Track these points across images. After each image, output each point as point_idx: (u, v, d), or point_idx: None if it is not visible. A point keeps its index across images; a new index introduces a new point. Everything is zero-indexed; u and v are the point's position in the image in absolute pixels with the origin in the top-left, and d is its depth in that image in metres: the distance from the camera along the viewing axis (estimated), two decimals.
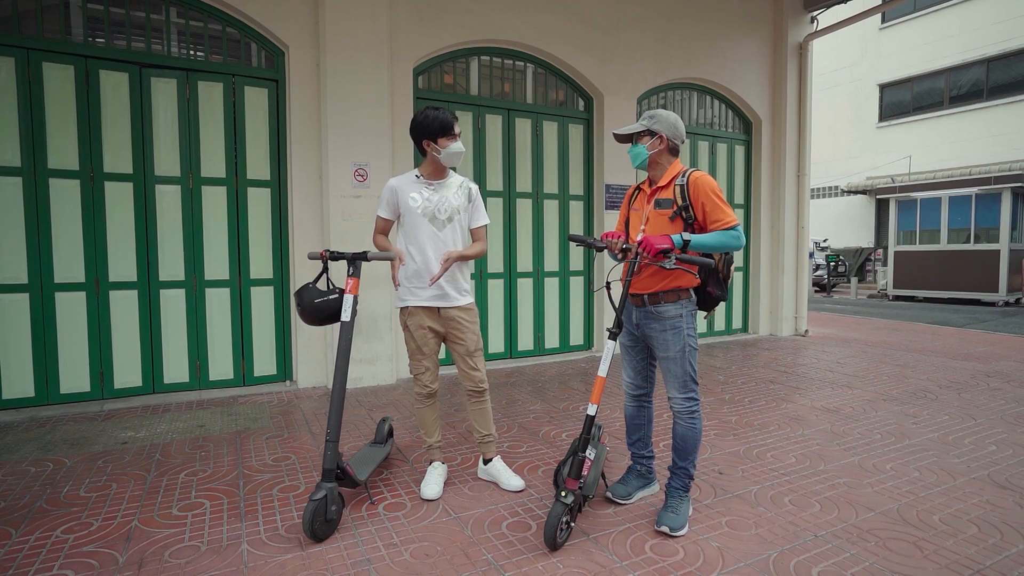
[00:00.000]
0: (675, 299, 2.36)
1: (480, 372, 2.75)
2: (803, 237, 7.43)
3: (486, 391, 2.79)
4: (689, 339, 2.37)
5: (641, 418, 2.64)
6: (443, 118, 2.62)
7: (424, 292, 2.66)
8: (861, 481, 2.83)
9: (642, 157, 2.42)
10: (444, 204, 2.69)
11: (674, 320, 2.36)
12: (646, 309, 2.42)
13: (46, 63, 3.96)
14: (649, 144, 2.40)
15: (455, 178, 2.80)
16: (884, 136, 17.89)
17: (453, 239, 2.70)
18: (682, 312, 2.37)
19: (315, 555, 2.16)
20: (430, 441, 2.81)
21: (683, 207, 2.32)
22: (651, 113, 2.42)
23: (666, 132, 2.38)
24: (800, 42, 7.24)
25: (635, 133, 2.42)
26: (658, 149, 2.40)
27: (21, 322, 3.98)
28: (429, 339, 2.70)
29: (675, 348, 2.36)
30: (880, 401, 4.25)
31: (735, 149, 7.26)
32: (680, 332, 2.36)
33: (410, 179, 2.73)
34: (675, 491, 2.43)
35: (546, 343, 5.98)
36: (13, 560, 2.13)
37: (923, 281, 12.53)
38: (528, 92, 5.85)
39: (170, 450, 3.25)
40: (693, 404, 2.40)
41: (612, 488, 2.63)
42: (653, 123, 2.39)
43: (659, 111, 2.43)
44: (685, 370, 2.37)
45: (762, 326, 7.37)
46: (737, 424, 3.73)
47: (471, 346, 2.72)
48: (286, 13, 4.50)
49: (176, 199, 4.36)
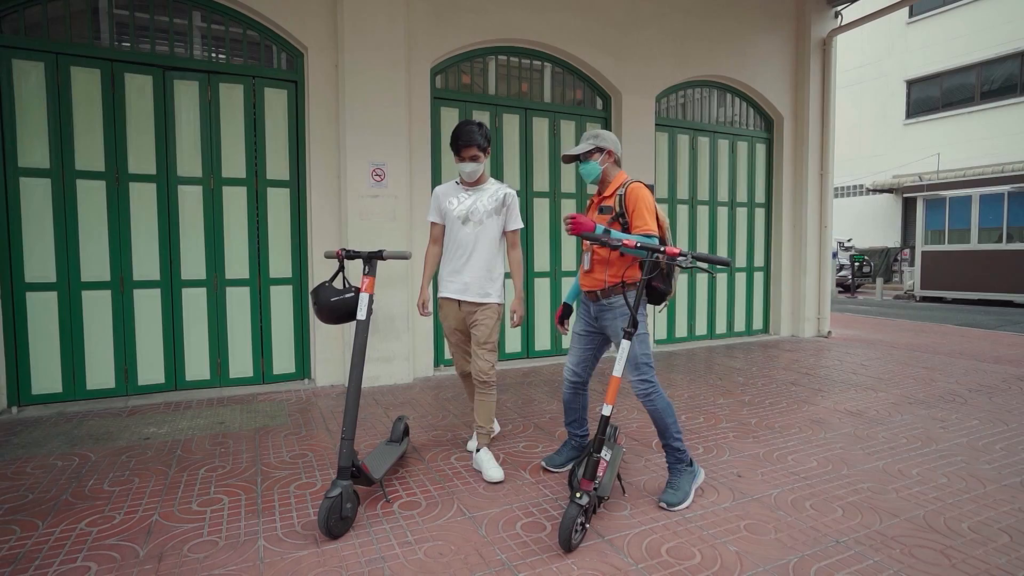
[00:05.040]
0: (623, 291, 2.59)
1: (484, 363, 2.91)
2: (826, 236, 7.28)
3: (489, 384, 2.93)
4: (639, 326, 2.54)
5: (577, 403, 2.94)
6: (455, 137, 2.87)
7: (452, 284, 2.96)
8: (885, 486, 2.75)
9: (595, 173, 2.71)
10: (477, 209, 2.93)
11: (623, 308, 2.61)
12: (600, 303, 2.68)
13: (74, 67, 4.05)
14: (600, 160, 2.69)
15: (492, 185, 3.02)
16: (911, 133, 17.46)
17: (479, 240, 2.94)
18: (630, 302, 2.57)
19: (330, 552, 2.18)
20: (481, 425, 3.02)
21: (620, 213, 2.62)
22: (595, 133, 2.72)
23: (611, 147, 2.70)
24: (823, 37, 7.09)
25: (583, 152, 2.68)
26: (607, 164, 2.71)
27: (50, 320, 4.08)
28: (454, 335, 3.07)
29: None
30: (906, 404, 4.14)
31: (756, 147, 7.15)
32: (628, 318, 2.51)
33: (451, 186, 3.04)
34: (672, 467, 2.65)
35: (563, 343, 5.95)
36: (39, 552, 2.18)
37: (952, 282, 12.19)
38: (546, 91, 5.83)
39: (191, 446, 3.31)
40: (648, 386, 2.60)
41: (547, 458, 2.97)
42: (600, 141, 2.69)
43: (600, 131, 2.73)
44: (635, 354, 2.57)
45: (783, 327, 7.24)
46: (757, 426, 3.67)
47: (481, 338, 2.91)
48: (305, 15, 4.55)
49: (198, 199, 4.43)
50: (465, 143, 2.84)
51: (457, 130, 2.88)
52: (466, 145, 2.84)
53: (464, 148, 2.85)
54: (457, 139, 2.86)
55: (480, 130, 2.86)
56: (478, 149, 2.85)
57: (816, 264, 7.24)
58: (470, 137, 2.83)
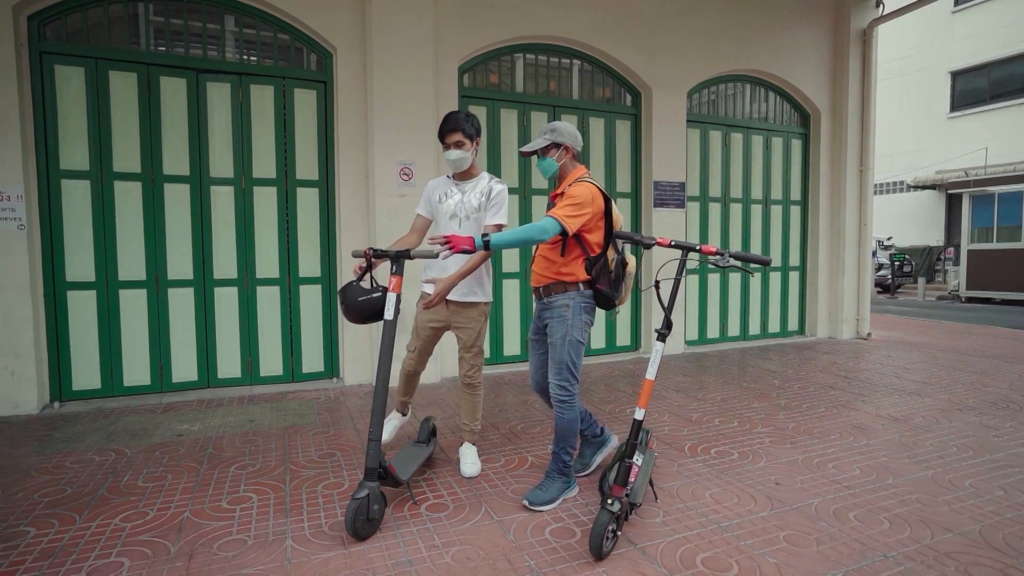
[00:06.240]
0: (563, 290, 2.54)
1: (472, 367, 2.91)
2: (866, 234, 7.01)
3: (475, 386, 2.95)
4: (572, 330, 2.51)
5: None
6: (442, 123, 2.80)
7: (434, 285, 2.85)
8: (936, 498, 2.60)
9: (552, 169, 2.62)
10: (466, 204, 2.85)
11: (560, 309, 2.54)
12: (542, 301, 2.62)
13: (112, 71, 4.15)
14: (557, 156, 2.60)
15: (483, 179, 2.90)
16: (956, 127, 16.77)
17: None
18: (569, 303, 2.53)
19: (357, 554, 2.16)
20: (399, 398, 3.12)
21: None
22: (551, 126, 2.60)
23: (569, 142, 2.59)
24: (864, 28, 6.83)
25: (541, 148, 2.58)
26: (565, 159, 2.61)
27: (89, 318, 4.19)
28: (427, 329, 2.92)
29: (558, 335, 2.52)
30: (955, 411, 3.93)
31: (791, 143, 6.93)
32: (564, 321, 2.51)
33: (443, 180, 2.96)
34: (549, 472, 2.62)
35: (592, 343, 5.86)
36: (76, 545, 2.21)
37: (1001, 282, 11.64)
38: (574, 88, 5.75)
39: (222, 443, 3.35)
40: (565, 394, 2.53)
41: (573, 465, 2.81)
42: (556, 136, 2.57)
43: (557, 123, 2.62)
44: (563, 359, 2.51)
45: (820, 328, 7.00)
46: (794, 431, 3.53)
47: (468, 341, 2.88)
48: (334, 16, 4.57)
49: (229, 200, 4.50)
50: (450, 128, 2.75)
51: (444, 119, 2.81)
52: (451, 130, 2.75)
53: (448, 133, 2.76)
54: (440, 126, 2.79)
55: (468, 119, 2.80)
56: (463, 135, 2.77)
57: (855, 263, 6.98)
58: (455, 123, 2.76)
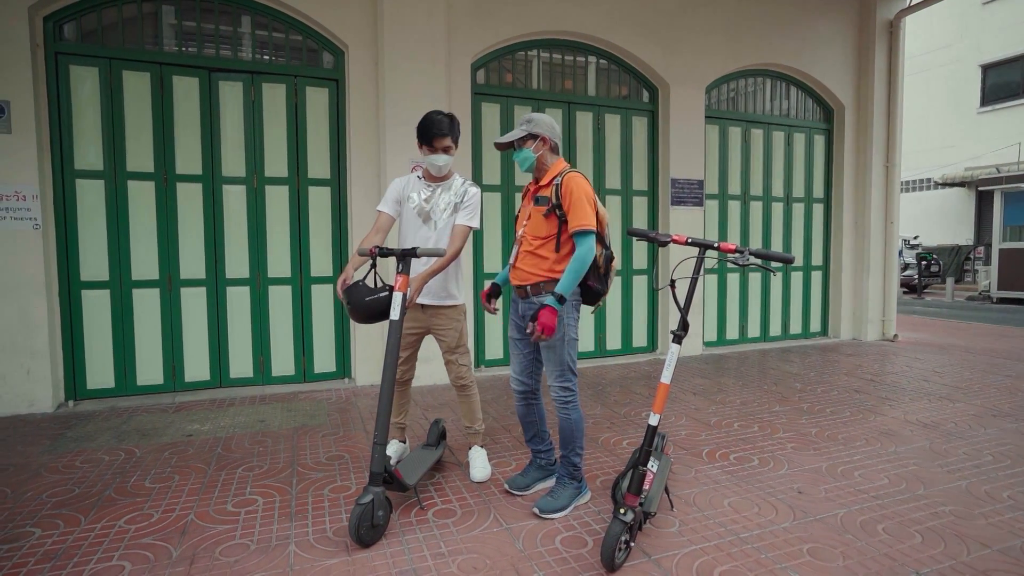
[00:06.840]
0: (554, 288, 2.40)
1: (461, 368, 2.85)
2: (892, 233, 6.78)
3: (468, 387, 2.89)
4: (568, 329, 2.44)
5: (532, 415, 2.70)
6: (426, 126, 2.68)
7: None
8: (971, 511, 2.46)
9: (529, 161, 2.52)
10: (437, 206, 2.78)
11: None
12: (529, 300, 2.50)
13: (125, 71, 4.16)
14: (534, 147, 2.50)
15: (456, 181, 2.84)
16: (987, 122, 16.24)
17: (440, 242, 2.75)
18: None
19: (361, 561, 2.09)
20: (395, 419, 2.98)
21: (556, 205, 2.40)
22: (528, 117, 2.51)
23: (546, 133, 2.50)
24: (891, 19, 6.60)
25: (517, 140, 2.49)
26: (542, 151, 2.51)
27: (103, 317, 4.21)
28: (407, 336, 2.80)
29: (556, 335, 2.42)
30: (989, 417, 3.75)
31: (814, 139, 6.73)
32: (560, 322, 2.40)
33: (413, 179, 2.86)
34: (560, 478, 2.54)
35: (607, 344, 5.75)
36: (79, 547, 2.19)
37: None
38: (590, 84, 5.64)
39: (231, 444, 3.32)
40: (568, 395, 2.47)
41: (511, 480, 2.70)
42: (533, 127, 2.49)
43: (534, 115, 2.53)
44: (562, 359, 2.45)
45: (844, 330, 6.79)
46: (817, 437, 3.39)
47: (452, 343, 2.82)
48: (346, 13, 4.53)
49: (241, 199, 4.48)
50: (439, 133, 2.67)
51: (427, 120, 2.68)
52: (440, 135, 2.67)
53: (437, 138, 2.67)
54: (430, 128, 2.67)
55: (454, 124, 2.73)
56: (452, 140, 2.71)
57: (881, 262, 6.75)
58: (446, 128, 2.68)
